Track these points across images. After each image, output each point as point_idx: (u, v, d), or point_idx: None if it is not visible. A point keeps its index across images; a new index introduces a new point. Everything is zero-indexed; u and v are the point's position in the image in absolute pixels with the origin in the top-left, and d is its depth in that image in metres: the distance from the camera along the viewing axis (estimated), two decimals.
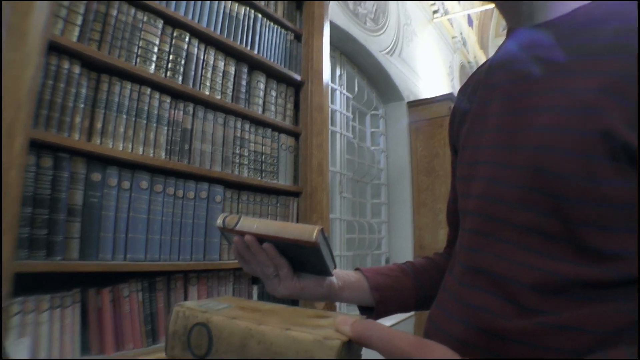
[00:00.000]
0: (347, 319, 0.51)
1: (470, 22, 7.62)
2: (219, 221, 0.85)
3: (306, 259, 0.84)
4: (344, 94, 3.90)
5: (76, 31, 1.32)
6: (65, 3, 1.29)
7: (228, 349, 0.54)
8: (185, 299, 1.57)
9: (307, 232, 0.76)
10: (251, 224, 0.83)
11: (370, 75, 4.39)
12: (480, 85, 0.81)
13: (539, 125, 0.62)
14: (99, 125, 1.35)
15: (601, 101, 0.55)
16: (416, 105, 4.61)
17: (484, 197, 0.68)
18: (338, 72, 3.86)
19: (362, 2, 3.97)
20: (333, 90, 3.74)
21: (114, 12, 1.42)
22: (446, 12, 6.19)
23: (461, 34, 7.03)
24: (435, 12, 5.88)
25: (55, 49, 1.25)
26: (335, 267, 0.89)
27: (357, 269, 0.97)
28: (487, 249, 0.66)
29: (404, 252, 4.36)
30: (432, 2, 5.67)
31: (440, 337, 0.69)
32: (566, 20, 0.66)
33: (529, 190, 0.60)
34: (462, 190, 0.78)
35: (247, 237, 0.82)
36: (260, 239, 0.82)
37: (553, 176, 0.58)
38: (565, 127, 0.58)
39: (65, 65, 1.28)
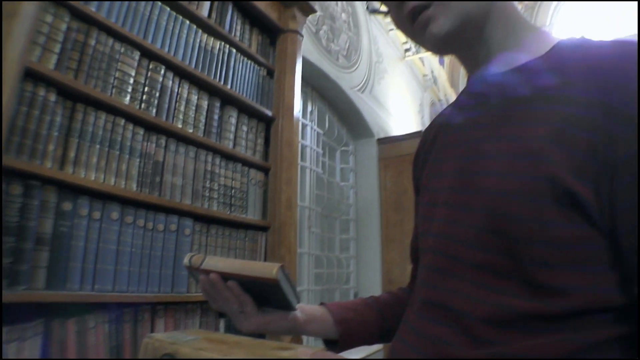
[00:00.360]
0: (307, 350, 0.54)
1: (441, 60, 7.79)
2: (186, 260, 0.89)
3: (269, 295, 0.87)
4: (315, 130, 3.95)
5: (54, 59, 1.33)
6: (44, 30, 1.30)
7: None
8: (152, 331, 1.56)
9: (268, 269, 0.81)
10: (215, 263, 0.87)
11: (341, 112, 4.46)
12: (442, 129, 0.87)
13: (492, 170, 0.66)
14: (72, 154, 1.35)
15: (546, 149, 0.59)
16: (386, 142, 4.69)
17: (442, 236, 0.72)
18: (309, 108, 3.92)
19: (335, 39, 4.05)
20: (304, 126, 3.78)
21: (92, 42, 1.44)
22: (418, 51, 6.33)
23: (432, 72, 7.19)
24: (407, 50, 6.01)
25: (31, 75, 1.26)
26: (299, 302, 0.92)
27: (322, 304, 1.00)
28: (444, 285, 0.69)
29: (373, 286, 4.36)
30: (404, 40, 5.80)
31: None
32: (519, 71, 0.71)
33: (483, 231, 0.64)
34: (422, 229, 0.82)
35: (212, 275, 0.86)
36: (225, 277, 0.86)
37: (505, 218, 0.62)
38: (515, 173, 0.62)
39: (41, 92, 1.28)
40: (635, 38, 0.62)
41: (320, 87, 4.02)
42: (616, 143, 0.55)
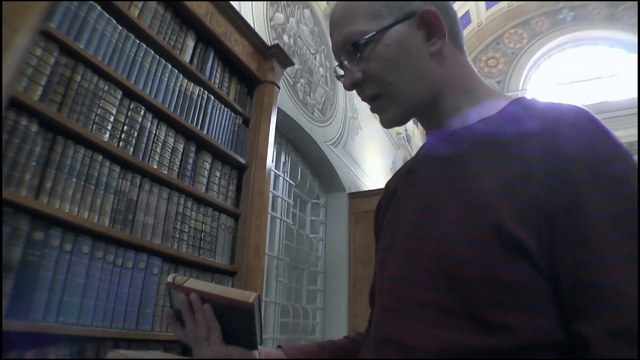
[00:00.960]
0: None
1: (415, 120, 7.94)
2: (170, 278, 0.92)
3: (238, 327, 0.90)
4: (287, 181, 4.01)
5: (39, 91, 1.36)
6: (33, 62, 1.34)
7: None
8: None
9: (246, 295, 0.86)
10: (197, 283, 0.91)
11: (314, 165, 4.53)
12: (402, 182, 0.95)
13: (443, 219, 0.73)
14: (48, 185, 1.37)
15: (492, 200, 0.66)
16: (357, 196, 4.76)
17: (397, 279, 0.78)
18: (282, 159, 3.98)
19: (312, 93, 4.15)
20: (276, 177, 3.84)
21: (78, 78, 1.49)
22: None
23: (406, 130, 7.34)
24: None
25: (15, 105, 1.28)
26: (261, 343, 0.95)
27: (279, 347, 1.03)
28: (396, 323, 0.74)
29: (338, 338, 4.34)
30: None
31: None
32: (472, 129, 0.80)
33: (435, 273, 0.70)
34: (379, 273, 0.88)
35: (192, 295, 0.89)
36: (203, 299, 0.89)
37: (455, 262, 0.67)
38: (464, 221, 0.69)
39: (23, 122, 1.31)
40: (576, 105, 0.70)
41: (294, 139, 4.10)
42: (555, 195, 0.62)
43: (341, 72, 0.89)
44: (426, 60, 0.82)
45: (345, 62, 0.85)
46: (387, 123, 0.86)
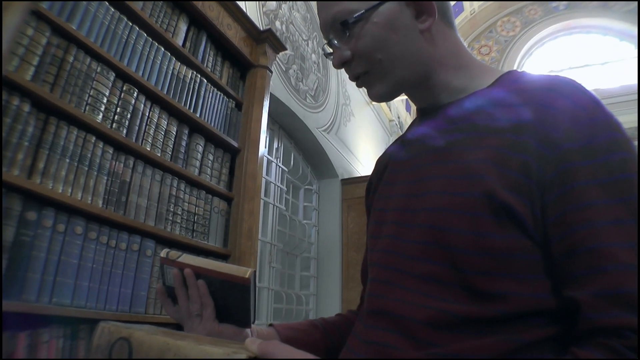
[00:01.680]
0: (255, 340, 0.58)
1: (408, 107, 7.98)
2: (163, 253, 0.91)
3: (232, 304, 0.89)
4: (280, 167, 4.01)
5: (31, 71, 1.36)
6: (24, 42, 1.34)
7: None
8: None
9: (242, 270, 0.83)
10: (192, 259, 0.90)
11: (307, 151, 4.54)
12: (392, 157, 0.95)
13: (434, 190, 0.73)
14: (40, 165, 1.37)
15: (484, 169, 0.67)
16: (349, 182, 4.77)
17: (388, 251, 0.79)
18: (275, 145, 3.99)
19: (304, 79, 4.15)
20: (269, 162, 3.84)
21: (71, 59, 1.48)
22: None
23: (398, 117, 7.35)
24: None
25: (7, 84, 1.28)
26: (254, 321, 0.95)
27: (270, 324, 1.03)
28: (389, 295, 0.75)
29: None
30: None
31: None
32: (464, 103, 0.81)
33: (426, 244, 0.71)
34: (370, 246, 0.89)
35: (186, 270, 0.88)
36: (198, 274, 0.88)
37: (446, 232, 0.68)
38: (455, 191, 0.70)
39: (15, 102, 1.30)
40: (567, 76, 0.71)
41: (287, 125, 4.10)
42: (546, 163, 0.63)
43: (329, 50, 0.89)
44: (416, 38, 0.82)
45: (334, 41, 0.85)
46: (375, 97, 0.87)
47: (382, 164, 1.00)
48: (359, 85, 0.89)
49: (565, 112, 0.65)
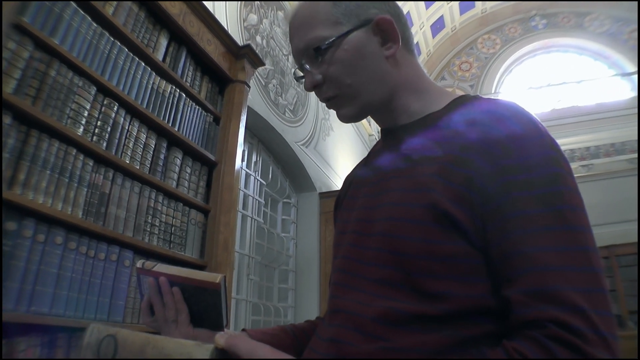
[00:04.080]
0: (224, 334, 0.66)
1: None
2: (139, 264, 0.97)
3: (205, 309, 0.95)
4: (258, 180, 4.05)
5: (13, 84, 1.39)
6: (6, 55, 1.37)
7: (129, 353, 0.68)
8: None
9: (212, 276, 0.90)
10: (166, 267, 0.96)
11: (285, 164, 4.59)
12: (357, 174, 1.04)
13: (389, 202, 0.81)
14: (21, 176, 1.40)
15: (431, 183, 0.75)
16: (328, 196, 4.83)
17: (347, 257, 0.86)
18: (254, 159, 4.02)
19: (283, 94, 4.20)
20: (248, 176, 3.88)
21: (53, 73, 1.52)
22: None
23: (378, 132, 7.39)
24: None
25: None
26: (227, 325, 1.00)
27: (243, 330, 1.08)
28: (346, 296, 0.82)
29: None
30: None
31: None
32: (419, 124, 0.89)
33: (380, 250, 0.78)
34: (334, 254, 0.96)
35: (161, 278, 0.95)
36: (172, 282, 0.94)
37: (398, 239, 0.75)
38: (406, 202, 0.77)
39: None
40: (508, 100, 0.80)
41: (265, 139, 4.15)
42: (486, 177, 0.70)
43: (301, 74, 0.96)
44: (381, 64, 0.90)
45: (306, 65, 0.91)
46: (344, 118, 0.95)
47: (348, 181, 1.09)
48: (329, 107, 0.96)
49: (505, 132, 0.72)
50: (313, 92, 0.94)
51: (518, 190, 0.68)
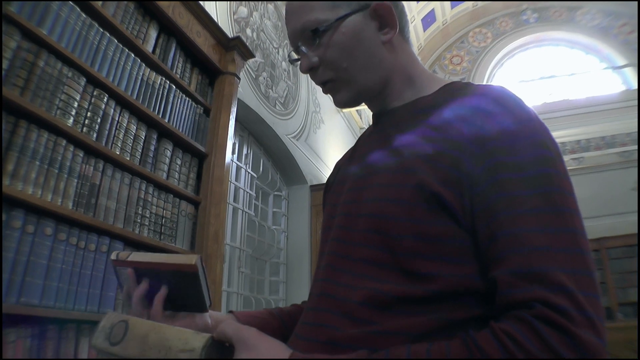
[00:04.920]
0: (232, 323, 0.70)
1: None
2: (113, 256, 0.97)
3: (185, 292, 0.94)
4: (249, 173, 4.06)
5: None
6: None
7: (134, 338, 0.74)
8: (76, 351, 1.57)
9: (188, 258, 0.89)
10: (140, 256, 0.96)
11: (276, 157, 4.60)
12: (348, 158, 1.05)
13: (377, 183, 0.82)
14: (10, 167, 1.40)
15: (419, 164, 0.75)
16: (318, 189, 4.84)
17: (337, 240, 0.86)
18: (245, 151, 4.03)
19: (274, 86, 4.20)
20: (238, 169, 3.89)
21: (41, 63, 1.52)
22: None
23: (369, 124, 7.41)
24: None
25: None
26: (210, 304, 0.99)
27: (230, 311, 1.08)
28: (332, 278, 0.82)
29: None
30: None
31: None
32: (408, 108, 0.90)
33: (369, 232, 0.78)
34: (324, 238, 0.96)
35: (129, 270, 0.95)
36: (147, 270, 0.94)
37: (385, 220, 0.76)
38: (394, 183, 0.77)
39: None
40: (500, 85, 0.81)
41: (256, 131, 4.15)
42: (475, 159, 0.71)
43: (295, 56, 0.97)
44: (378, 49, 0.90)
45: (302, 48, 0.92)
46: (340, 104, 0.95)
47: (338, 166, 1.10)
48: (325, 91, 0.96)
49: (493, 114, 0.73)
50: (304, 85, 0.95)
51: (507, 172, 0.68)
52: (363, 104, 0.98)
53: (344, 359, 0.67)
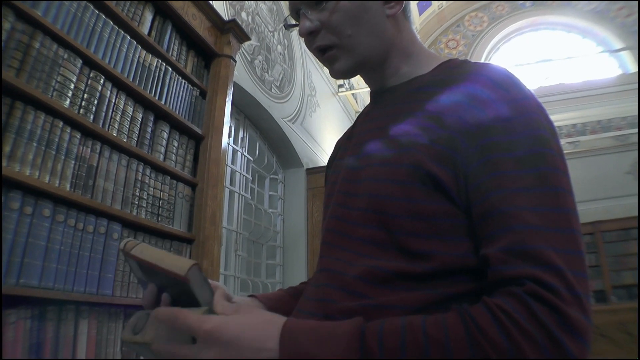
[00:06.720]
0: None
1: None
2: (121, 245, 0.95)
3: (183, 295, 0.84)
4: (245, 156, 4.06)
5: None
6: None
7: (153, 323, 0.75)
8: (75, 332, 1.58)
9: (181, 265, 0.77)
10: (142, 250, 0.89)
11: (272, 141, 4.60)
12: (348, 136, 1.05)
13: (374, 163, 0.82)
14: (7, 148, 1.39)
15: (414, 143, 0.76)
16: (314, 172, 4.85)
17: (335, 217, 0.87)
18: (241, 135, 4.02)
19: (269, 70, 4.19)
20: (235, 152, 3.89)
21: (37, 45, 1.51)
22: (351, 87, 6.58)
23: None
24: (340, 86, 6.25)
25: None
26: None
27: (250, 295, 1.07)
28: (332, 255, 0.84)
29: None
30: None
31: None
32: (405, 86, 0.91)
33: (366, 210, 0.79)
34: (323, 215, 0.98)
35: (131, 262, 0.93)
36: (145, 267, 0.89)
37: (382, 199, 0.77)
38: (390, 162, 0.78)
39: None
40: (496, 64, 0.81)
41: (252, 115, 4.15)
42: (470, 138, 0.71)
43: (292, 22, 0.97)
44: (382, 21, 0.90)
45: (304, 10, 0.90)
46: (338, 73, 0.94)
47: (339, 144, 1.11)
48: (322, 60, 0.94)
49: (489, 92, 0.73)
50: (300, 69, 0.94)
51: (501, 151, 0.69)
52: (357, 88, 0.98)
53: (342, 324, 0.67)
